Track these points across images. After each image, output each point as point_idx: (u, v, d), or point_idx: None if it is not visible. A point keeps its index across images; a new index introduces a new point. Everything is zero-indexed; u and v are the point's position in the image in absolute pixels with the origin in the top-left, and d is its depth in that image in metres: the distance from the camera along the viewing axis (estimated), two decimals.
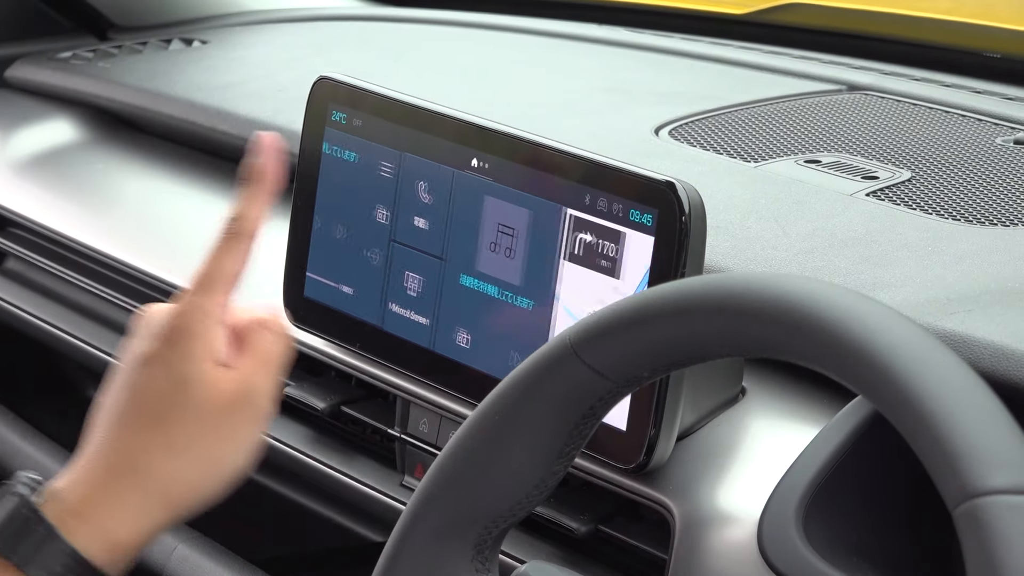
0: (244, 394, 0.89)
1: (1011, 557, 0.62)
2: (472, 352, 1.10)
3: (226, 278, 0.90)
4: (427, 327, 1.13)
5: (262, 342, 0.91)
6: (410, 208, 1.13)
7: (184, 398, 0.88)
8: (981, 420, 0.66)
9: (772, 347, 0.74)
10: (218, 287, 0.90)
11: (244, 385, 0.89)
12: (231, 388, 0.88)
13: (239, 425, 0.89)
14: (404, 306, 1.14)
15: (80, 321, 1.49)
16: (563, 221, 1.04)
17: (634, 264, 1.00)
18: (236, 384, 0.89)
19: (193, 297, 0.90)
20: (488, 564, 0.87)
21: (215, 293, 0.90)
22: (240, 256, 0.91)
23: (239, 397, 0.89)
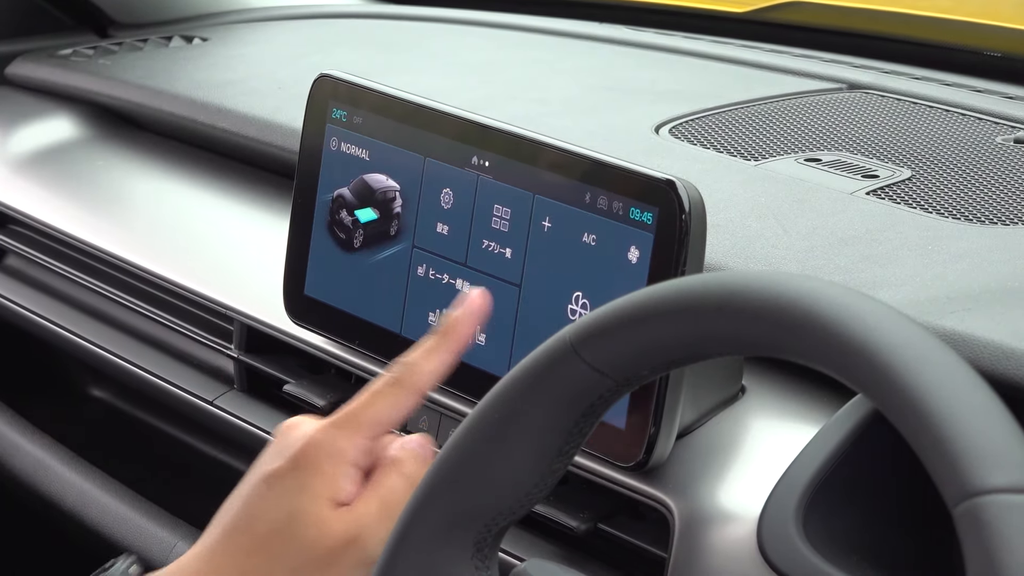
0: (354, 538, 0.86)
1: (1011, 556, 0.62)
2: (472, 349, 1.10)
3: (373, 422, 0.88)
4: (427, 324, 1.13)
5: (386, 483, 0.88)
6: (411, 205, 1.13)
7: (293, 532, 0.86)
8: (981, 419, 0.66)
9: (772, 346, 0.74)
10: (361, 429, 0.87)
11: (356, 529, 0.87)
12: (341, 530, 0.86)
13: (343, 567, 0.86)
14: (405, 303, 1.14)
15: (80, 318, 1.49)
16: (563, 219, 1.04)
17: (634, 262, 1.00)
18: (348, 527, 0.86)
19: (332, 429, 0.88)
20: (488, 562, 0.87)
21: (355, 434, 0.87)
22: (397, 405, 0.88)
23: (348, 540, 0.86)
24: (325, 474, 0.86)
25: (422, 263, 1.13)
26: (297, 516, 0.86)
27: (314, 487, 0.86)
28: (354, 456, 0.87)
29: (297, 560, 0.86)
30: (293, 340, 1.24)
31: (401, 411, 0.88)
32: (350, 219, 1.17)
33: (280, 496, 0.87)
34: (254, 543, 0.87)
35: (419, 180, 1.13)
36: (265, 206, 1.48)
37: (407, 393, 0.88)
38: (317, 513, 0.86)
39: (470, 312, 0.90)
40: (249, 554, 0.87)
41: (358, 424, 0.88)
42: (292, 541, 0.86)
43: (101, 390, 1.64)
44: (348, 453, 0.87)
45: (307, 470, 0.86)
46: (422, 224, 1.13)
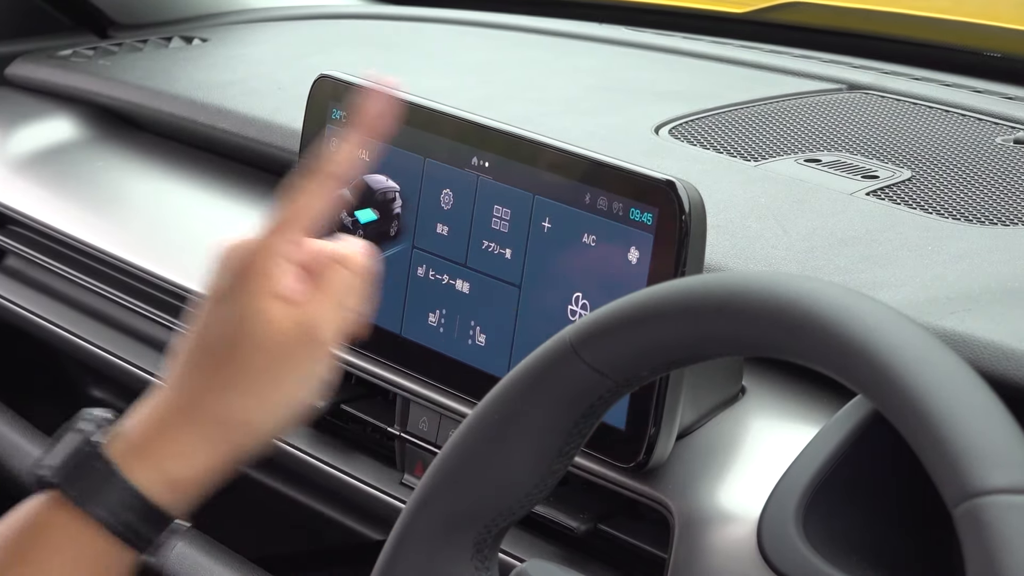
0: (304, 329, 0.87)
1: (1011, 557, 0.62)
2: (472, 350, 1.10)
3: (302, 217, 0.89)
4: (427, 325, 1.13)
5: (331, 277, 0.89)
6: (411, 206, 1.13)
7: (244, 336, 0.87)
8: (981, 419, 0.66)
9: (772, 346, 0.74)
10: (292, 226, 0.89)
11: (305, 319, 0.87)
12: (291, 324, 0.87)
13: (299, 361, 0.88)
14: (405, 304, 1.14)
15: (80, 319, 1.49)
16: (563, 220, 1.04)
17: (634, 263, 1.00)
18: (296, 319, 0.87)
19: (264, 235, 0.89)
20: (488, 563, 0.87)
21: (288, 232, 0.89)
22: (320, 196, 0.89)
23: (299, 333, 0.87)
24: (267, 274, 0.87)
25: (422, 264, 1.13)
26: (248, 318, 0.87)
27: (259, 288, 0.87)
28: (292, 253, 0.88)
29: (253, 362, 0.87)
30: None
31: (322, 198, 0.90)
32: (350, 220, 1.17)
33: (229, 307, 0.88)
34: (209, 357, 0.88)
35: (419, 181, 1.13)
36: (265, 207, 1.48)
37: (326, 183, 0.90)
38: (266, 311, 0.87)
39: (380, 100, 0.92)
40: (207, 369, 0.88)
41: (287, 222, 0.89)
42: (245, 344, 0.87)
43: (101, 391, 1.64)
44: (284, 250, 0.88)
45: (249, 276, 0.88)
46: (422, 225, 1.13)
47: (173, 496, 0.86)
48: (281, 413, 0.88)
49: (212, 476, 0.88)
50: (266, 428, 0.88)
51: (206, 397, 0.87)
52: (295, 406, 0.89)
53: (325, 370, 0.89)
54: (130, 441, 0.87)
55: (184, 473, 0.86)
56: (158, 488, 0.85)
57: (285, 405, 0.88)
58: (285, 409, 0.88)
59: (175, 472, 0.86)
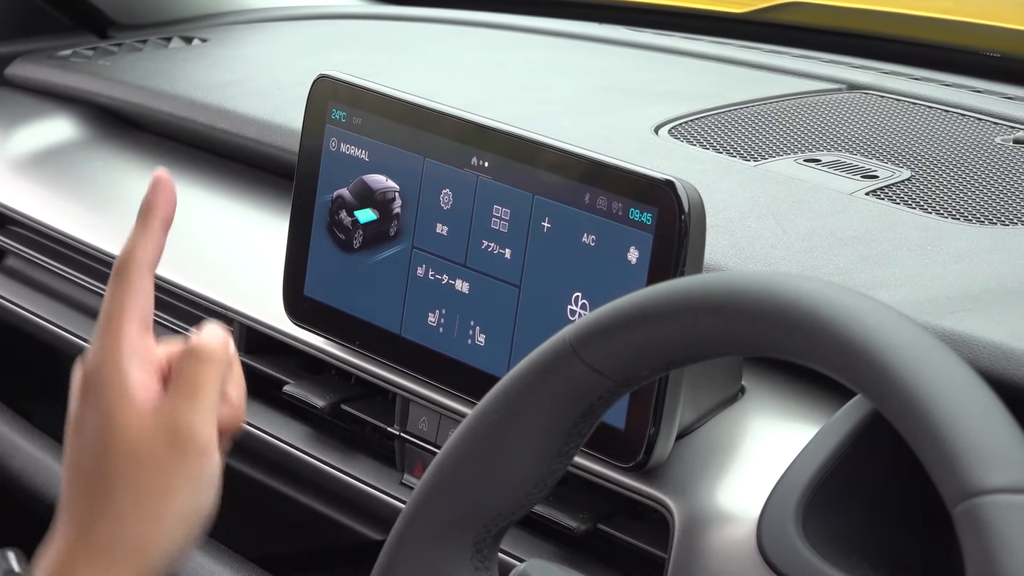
0: (169, 430, 0.82)
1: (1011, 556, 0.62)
2: (471, 350, 1.10)
3: (125, 312, 0.84)
4: (427, 325, 1.13)
5: (186, 371, 0.83)
6: (410, 206, 1.13)
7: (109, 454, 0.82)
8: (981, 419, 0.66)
9: (772, 346, 0.74)
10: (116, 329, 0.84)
11: (167, 420, 0.82)
12: (153, 428, 0.81)
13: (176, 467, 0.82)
14: (404, 304, 1.14)
15: (80, 319, 1.49)
16: (562, 220, 1.04)
17: (633, 263, 1.00)
18: (158, 422, 0.82)
19: (94, 347, 0.84)
20: (487, 563, 0.87)
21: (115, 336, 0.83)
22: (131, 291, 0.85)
23: (165, 436, 0.81)
24: (112, 385, 0.82)
25: (421, 264, 1.13)
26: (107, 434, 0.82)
27: (110, 398, 0.82)
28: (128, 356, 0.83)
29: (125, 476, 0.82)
30: (293, 341, 1.24)
31: (137, 295, 0.85)
32: (350, 220, 1.17)
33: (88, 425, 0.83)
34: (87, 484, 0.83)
35: (418, 181, 1.13)
36: (265, 207, 1.48)
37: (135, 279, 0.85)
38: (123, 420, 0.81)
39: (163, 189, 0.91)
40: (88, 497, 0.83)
41: (110, 326, 0.84)
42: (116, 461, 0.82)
43: None
44: (121, 355, 0.83)
45: (95, 392, 0.83)
46: (421, 225, 1.13)
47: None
48: (176, 526, 0.83)
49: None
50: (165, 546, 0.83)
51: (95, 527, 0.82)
52: (189, 516, 0.83)
53: (211, 471, 0.83)
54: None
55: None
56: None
57: (178, 517, 0.83)
58: (180, 521, 0.83)
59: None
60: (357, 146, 1.16)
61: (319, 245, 1.19)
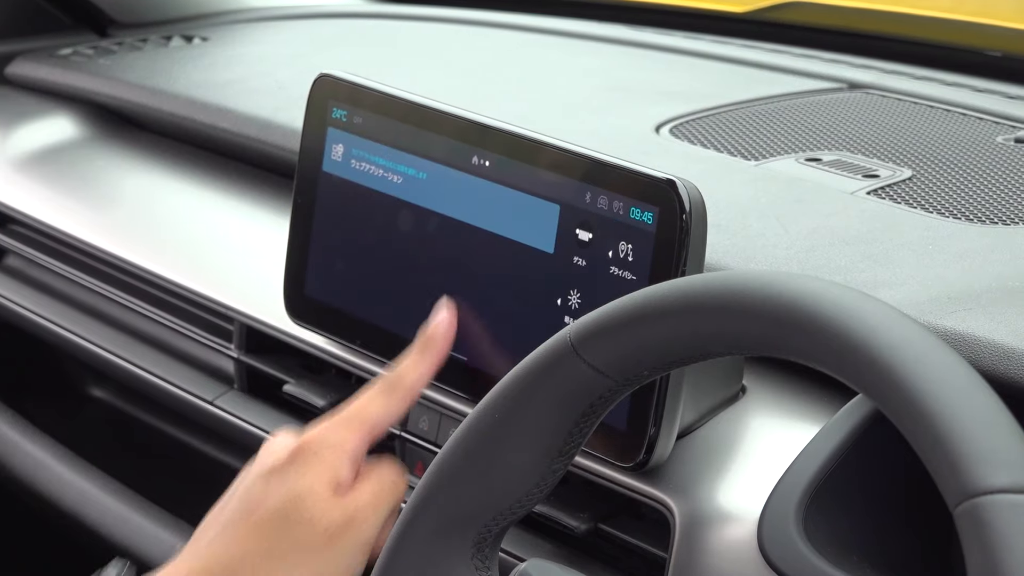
0: (351, 520, 0.91)
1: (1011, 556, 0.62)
2: (473, 350, 1.10)
3: (366, 422, 0.94)
4: None
5: (378, 478, 0.94)
6: (411, 205, 1.13)
7: (294, 513, 0.90)
8: (982, 419, 0.65)
9: (773, 345, 0.74)
10: (354, 427, 0.93)
11: (353, 512, 0.91)
12: (340, 513, 0.91)
13: (340, 550, 0.90)
14: (405, 304, 1.14)
15: (80, 318, 1.49)
16: (563, 219, 1.04)
17: (634, 262, 1.00)
18: (346, 509, 0.91)
19: (327, 427, 0.93)
20: (488, 562, 0.87)
21: (354, 430, 0.93)
22: (390, 407, 0.95)
23: (346, 522, 0.91)
24: (325, 461, 0.91)
25: (424, 263, 1.13)
26: (298, 499, 0.90)
27: (315, 473, 0.91)
28: (352, 448, 0.93)
29: (296, 542, 0.89)
30: (293, 340, 1.24)
31: (393, 413, 0.96)
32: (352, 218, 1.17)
33: (280, 484, 0.90)
34: (253, 528, 0.90)
35: (420, 180, 1.12)
36: (265, 206, 1.48)
37: (399, 397, 0.96)
38: (317, 496, 0.90)
39: (443, 323, 1.00)
40: (245, 540, 0.89)
41: (356, 422, 0.94)
42: (292, 523, 0.89)
43: (101, 390, 1.64)
44: (347, 444, 0.93)
45: (308, 458, 0.91)
46: (424, 224, 1.12)
47: None
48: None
49: None
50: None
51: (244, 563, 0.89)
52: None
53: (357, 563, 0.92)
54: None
55: None
56: None
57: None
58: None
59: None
60: (358, 145, 1.16)
61: (319, 244, 1.19)
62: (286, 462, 0.91)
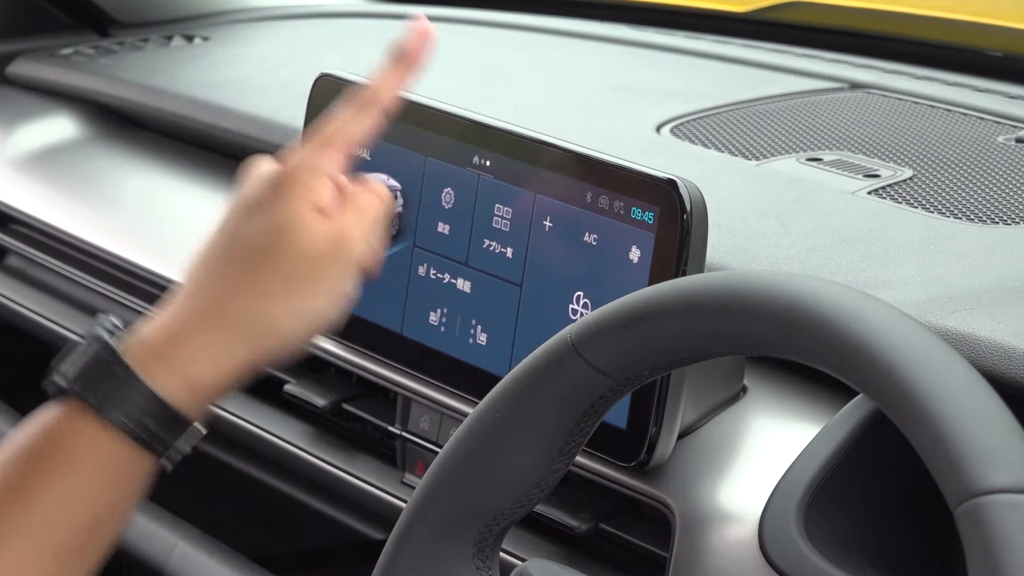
0: (338, 242, 0.89)
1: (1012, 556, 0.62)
2: (473, 349, 1.10)
3: (343, 139, 0.91)
4: (428, 324, 1.12)
5: (362, 197, 0.92)
6: (412, 205, 1.13)
7: (280, 242, 0.88)
8: (983, 419, 0.65)
9: (774, 345, 0.74)
10: (333, 146, 0.91)
11: (339, 233, 0.89)
12: (326, 235, 0.89)
13: (330, 273, 0.89)
14: (406, 303, 1.14)
15: (81, 318, 1.49)
16: (564, 219, 1.04)
17: (635, 262, 1.00)
18: (331, 232, 0.89)
19: (306, 152, 0.91)
20: (489, 562, 0.87)
21: (329, 149, 0.91)
22: (363, 122, 0.92)
23: (333, 244, 0.89)
24: (306, 185, 0.89)
25: (423, 262, 1.13)
26: (283, 226, 0.88)
27: (297, 197, 0.89)
28: (331, 167, 0.91)
29: (286, 269, 0.88)
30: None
31: (365, 127, 0.92)
32: None
33: (263, 217, 0.89)
34: (241, 262, 0.89)
35: (420, 179, 1.12)
36: None
37: (370, 111, 0.93)
38: (303, 219, 0.88)
39: (420, 35, 0.96)
40: (237, 272, 0.89)
41: (330, 141, 0.91)
42: (280, 251, 0.88)
43: None
44: (325, 166, 0.90)
45: (288, 185, 0.89)
46: (423, 224, 1.13)
47: (193, 400, 0.86)
48: (307, 322, 0.89)
49: (232, 380, 0.88)
50: (291, 336, 0.89)
51: (233, 300, 0.88)
52: (320, 316, 0.90)
53: (350, 285, 0.91)
54: (150, 345, 0.87)
55: (205, 376, 0.87)
56: (178, 392, 0.85)
57: (311, 314, 0.89)
58: (311, 318, 0.89)
59: (196, 375, 0.86)
60: None
61: None
62: (267, 192, 0.90)
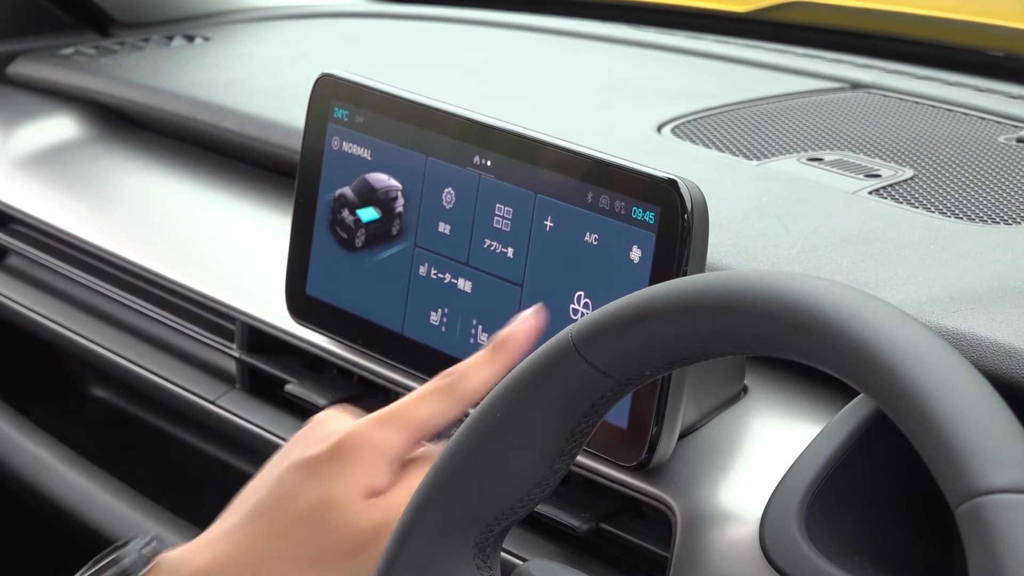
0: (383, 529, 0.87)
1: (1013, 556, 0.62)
2: (474, 349, 1.09)
3: (418, 424, 0.88)
4: (429, 324, 1.13)
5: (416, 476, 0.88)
6: (413, 205, 1.13)
7: (324, 517, 0.86)
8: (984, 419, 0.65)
9: (774, 345, 0.74)
10: (405, 428, 0.88)
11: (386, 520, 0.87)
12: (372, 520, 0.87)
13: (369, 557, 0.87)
14: (407, 303, 1.14)
15: (81, 318, 1.49)
16: (565, 219, 1.04)
17: (636, 262, 1.00)
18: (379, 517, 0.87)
19: (376, 423, 0.88)
20: (489, 562, 0.87)
21: (399, 431, 0.88)
22: (443, 410, 0.89)
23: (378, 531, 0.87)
24: (366, 464, 0.87)
25: (424, 262, 1.13)
26: (332, 502, 0.86)
27: (353, 475, 0.86)
28: (395, 452, 0.88)
29: (323, 546, 0.86)
30: (295, 340, 1.24)
31: (446, 417, 0.89)
32: (352, 218, 1.17)
33: (316, 481, 0.87)
34: (281, 526, 0.87)
35: (421, 179, 1.12)
36: (267, 206, 1.48)
37: (453, 401, 0.89)
38: (352, 501, 0.86)
39: (524, 330, 0.91)
40: (274, 537, 0.87)
41: (403, 423, 0.88)
42: (322, 527, 0.86)
43: (103, 390, 1.64)
44: (390, 447, 0.88)
45: (348, 458, 0.87)
46: (424, 223, 1.13)
47: None
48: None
49: None
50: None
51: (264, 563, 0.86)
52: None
53: None
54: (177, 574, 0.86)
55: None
56: None
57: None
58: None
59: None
60: (359, 145, 1.16)
61: (321, 244, 1.19)
62: (324, 457, 0.87)
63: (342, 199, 1.17)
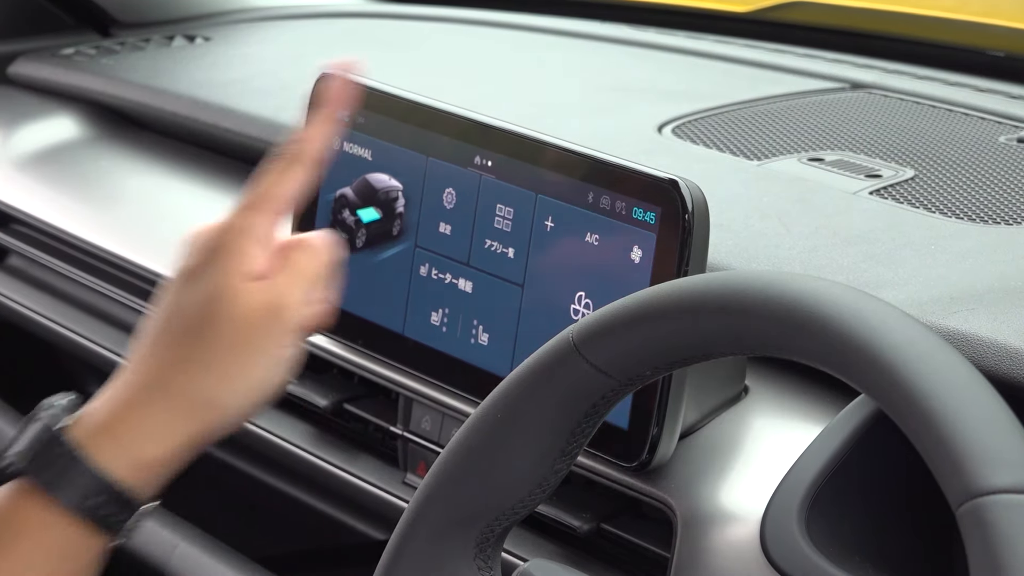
0: (272, 309, 0.88)
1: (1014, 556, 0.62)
2: (475, 349, 1.10)
3: (273, 200, 0.90)
4: (430, 324, 1.13)
5: (298, 260, 0.90)
6: (413, 205, 1.13)
7: (214, 313, 0.87)
8: (985, 419, 0.65)
9: (775, 345, 0.74)
10: (263, 207, 0.90)
11: (273, 299, 0.88)
12: (260, 303, 0.88)
13: (267, 342, 0.88)
14: (407, 303, 1.14)
15: (82, 318, 1.49)
16: (566, 219, 1.04)
17: (637, 262, 1.00)
18: (265, 299, 0.88)
19: (236, 215, 0.90)
20: (490, 562, 0.87)
21: (259, 213, 0.90)
22: (292, 180, 0.91)
23: (267, 312, 0.88)
24: (237, 251, 0.88)
25: (425, 263, 1.13)
26: (215, 296, 0.88)
27: (228, 265, 0.88)
28: (262, 230, 0.89)
29: (223, 340, 0.87)
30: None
31: (296, 184, 0.91)
32: (353, 219, 1.17)
33: (197, 284, 0.89)
34: (179, 335, 0.88)
35: (422, 180, 1.12)
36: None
37: (299, 166, 0.91)
38: (234, 287, 0.87)
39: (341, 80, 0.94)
40: (176, 346, 0.88)
41: (258, 204, 0.90)
42: (215, 322, 0.87)
43: None
44: (256, 229, 0.89)
45: (218, 251, 0.88)
46: (425, 224, 1.13)
47: (141, 478, 0.86)
48: (250, 393, 0.89)
49: (180, 457, 0.88)
50: (235, 408, 0.89)
51: (174, 376, 0.87)
52: (263, 387, 0.89)
53: (292, 352, 0.90)
54: (95, 423, 0.87)
55: (151, 454, 0.86)
56: (125, 470, 0.85)
57: (254, 385, 0.89)
58: (254, 389, 0.89)
59: (142, 453, 0.86)
60: (360, 145, 1.16)
61: None
62: (200, 262, 0.89)
63: (343, 199, 1.17)
